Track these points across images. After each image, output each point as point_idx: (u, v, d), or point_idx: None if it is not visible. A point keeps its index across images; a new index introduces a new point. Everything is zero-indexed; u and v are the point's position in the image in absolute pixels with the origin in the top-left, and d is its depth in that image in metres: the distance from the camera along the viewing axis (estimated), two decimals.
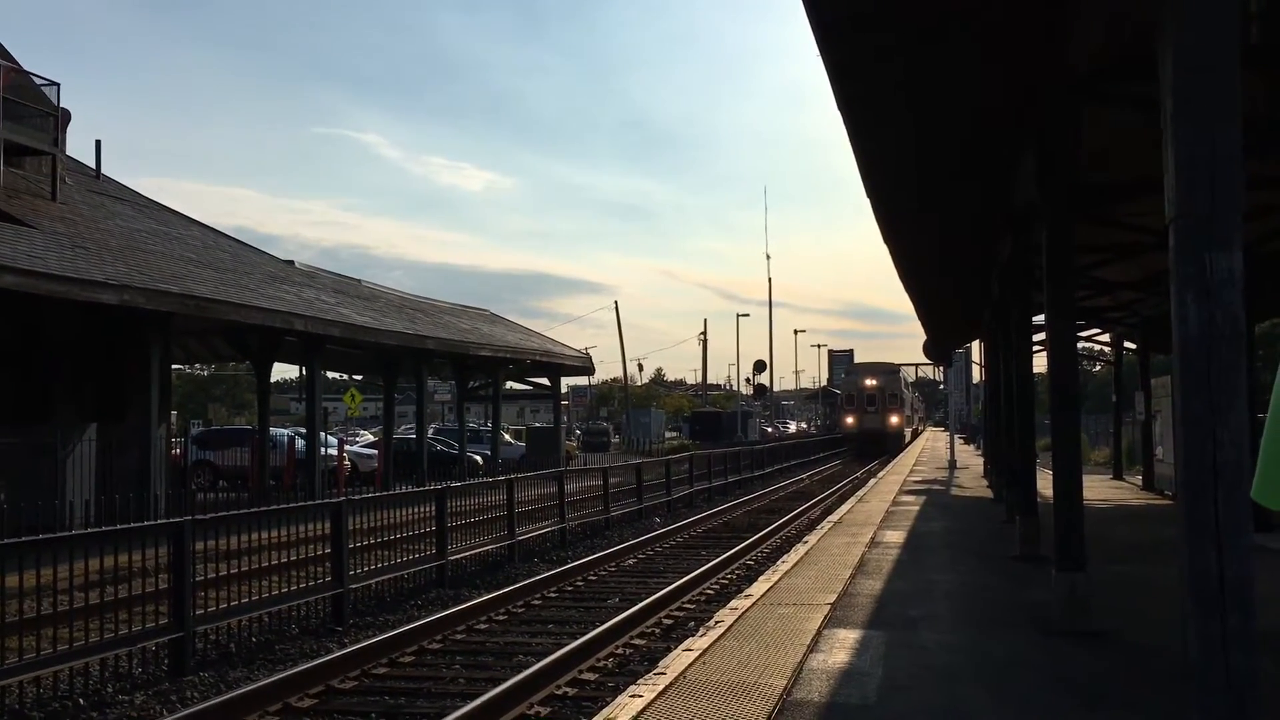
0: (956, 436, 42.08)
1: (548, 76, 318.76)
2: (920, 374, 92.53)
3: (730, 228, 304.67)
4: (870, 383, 66.32)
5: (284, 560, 12.54)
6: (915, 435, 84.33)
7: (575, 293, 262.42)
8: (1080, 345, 29.92)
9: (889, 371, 69.15)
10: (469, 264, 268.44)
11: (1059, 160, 9.33)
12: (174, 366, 34.65)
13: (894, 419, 66.06)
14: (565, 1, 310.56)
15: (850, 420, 66.83)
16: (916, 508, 21.60)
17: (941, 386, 77.39)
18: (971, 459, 42.97)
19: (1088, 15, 8.01)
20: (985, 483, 28.43)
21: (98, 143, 30.29)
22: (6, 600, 8.70)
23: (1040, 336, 17.52)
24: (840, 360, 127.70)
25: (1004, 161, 12.13)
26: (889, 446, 60.76)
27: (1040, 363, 20.78)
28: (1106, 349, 31.52)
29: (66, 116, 25.10)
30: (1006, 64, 9.06)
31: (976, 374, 50.51)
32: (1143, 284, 19.26)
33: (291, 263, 32.97)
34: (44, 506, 11.40)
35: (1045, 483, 13.34)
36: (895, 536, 16.31)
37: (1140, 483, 27.14)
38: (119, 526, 10.44)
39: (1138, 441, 28.97)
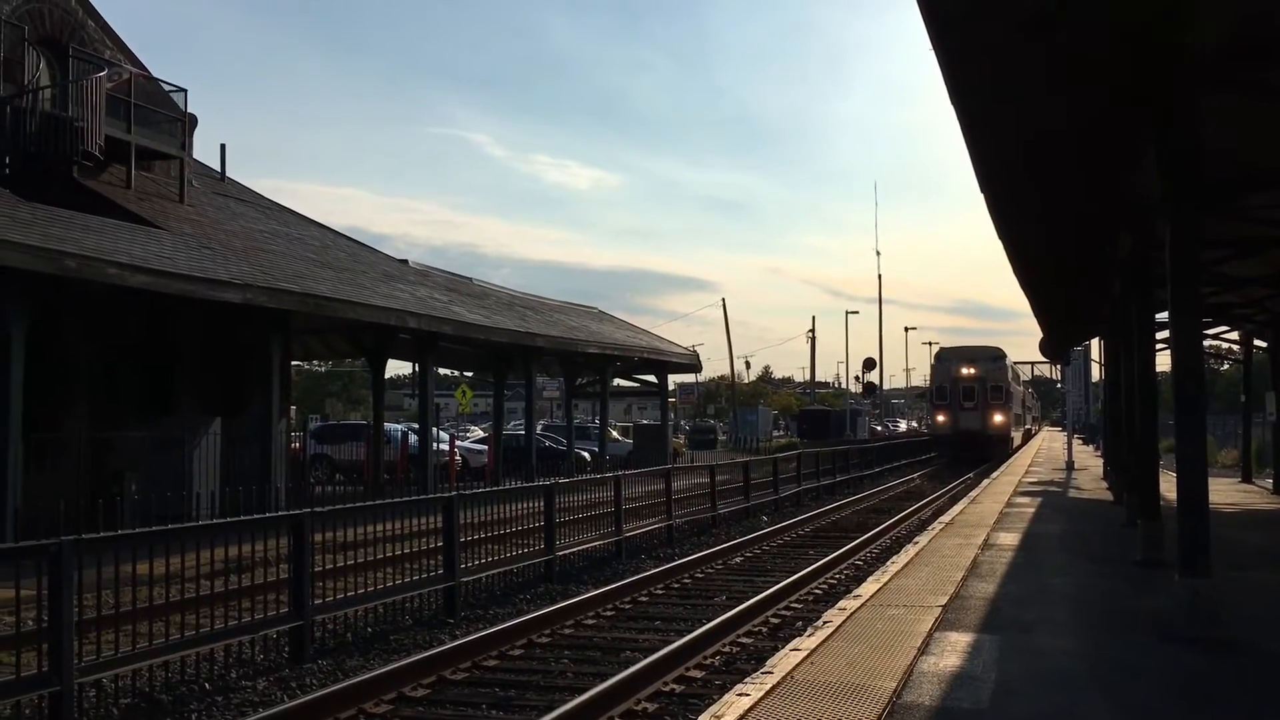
0: (1075, 437, 40.89)
1: (651, 73, 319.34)
2: (1036, 372, 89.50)
3: (836, 224, 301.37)
4: (967, 371, 52.50)
5: (398, 553, 12.83)
6: (1028, 437, 74.50)
7: (681, 290, 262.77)
8: (1206, 343, 28.93)
9: (991, 358, 53.84)
10: (575, 261, 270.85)
11: (1182, 153, 8.99)
12: (293, 363, 35.70)
13: (997, 417, 52.41)
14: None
15: (941, 418, 53.56)
16: (1032, 509, 21.07)
17: (1059, 385, 72.42)
18: (1090, 460, 41.78)
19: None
20: (1104, 485, 27.61)
21: (222, 146, 31.58)
22: (137, 587, 9.08)
23: (1164, 334, 16.94)
24: None
25: (1124, 153, 11.74)
26: (990, 452, 49.88)
27: (1164, 360, 20.10)
28: (1235, 347, 30.33)
29: (193, 121, 26.06)
30: (1124, 52, 8.77)
31: (1096, 372, 49.08)
32: (1274, 280, 18.48)
33: (406, 262, 33.67)
34: (172, 497, 11.86)
35: (1168, 485, 12.90)
36: (1009, 539, 15.94)
37: (1271, 486, 26.05)
38: (242, 518, 10.79)
39: (1268, 443, 27.80)
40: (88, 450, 20.01)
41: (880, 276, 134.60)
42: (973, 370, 52.48)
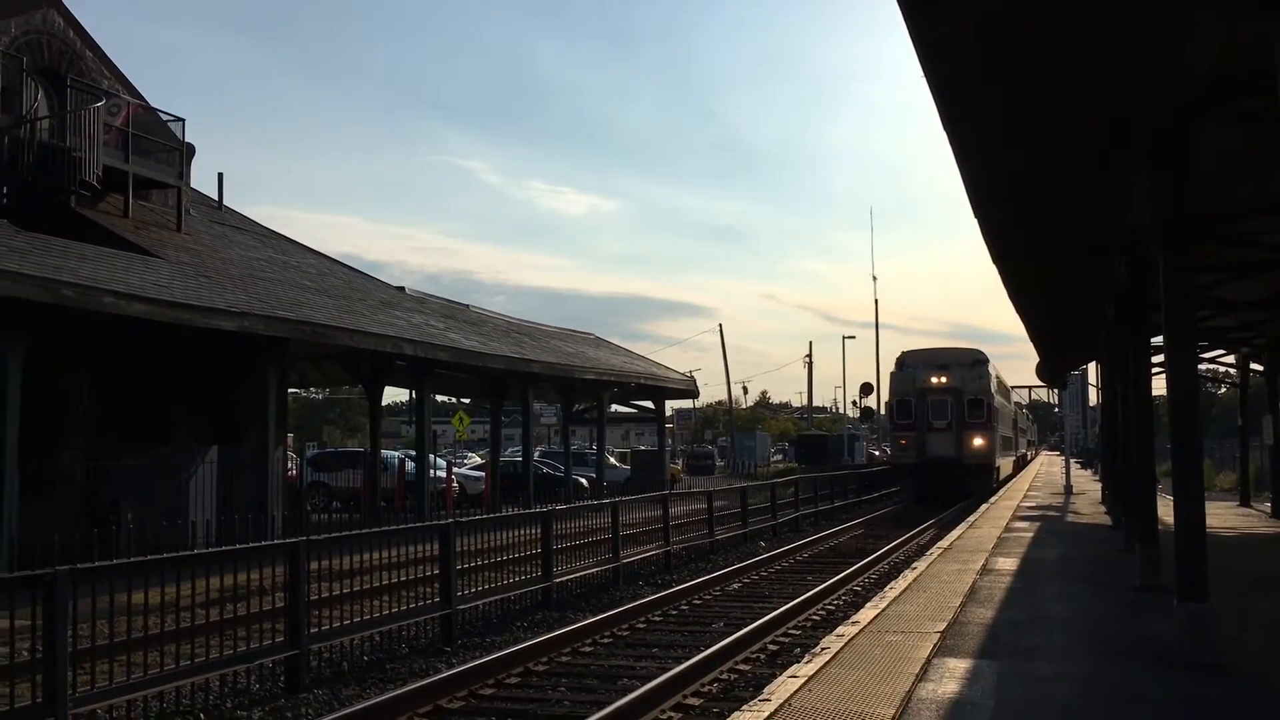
0: (1073, 461, 40.75)
1: (643, 100, 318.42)
2: (1034, 395, 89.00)
3: (830, 249, 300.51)
4: (937, 380, 39.28)
5: (394, 580, 12.79)
6: (1021, 464, 62.87)
7: (677, 315, 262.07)
8: (1203, 367, 28.99)
9: (969, 363, 40.15)
10: (571, 288, 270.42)
11: (1173, 181, 9.04)
12: (290, 390, 35.68)
13: (976, 440, 39.08)
14: (657, 25, 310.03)
15: (904, 442, 40.31)
16: (1030, 534, 21.04)
17: (1056, 409, 71.27)
18: (1088, 484, 41.73)
19: (1199, 31, 7.77)
20: (1103, 509, 27.60)
21: (220, 175, 31.76)
22: (133, 617, 9.05)
23: (1160, 358, 16.96)
24: None
25: (1117, 181, 11.81)
26: (967, 486, 38.28)
27: (1160, 384, 20.08)
28: (1232, 370, 30.38)
29: (191, 150, 26.14)
30: (1113, 84, 8.82)
31: (1094, 395, 49.04)
32: (1269, 303, 18.53)
33: (402, 289, 33.71)
34: (168, 526, 11.83)
35: (1166, 509, 12.89)
36: (1008, 564, 15.91)
37: (1269, 510, 26.04)
38: (238, 546, 10.76)
39: (1265, 467, 27.80)
40: (84, 480, 19.97)
41: (876, 301, 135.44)
42: (944, 379, 39.40)
